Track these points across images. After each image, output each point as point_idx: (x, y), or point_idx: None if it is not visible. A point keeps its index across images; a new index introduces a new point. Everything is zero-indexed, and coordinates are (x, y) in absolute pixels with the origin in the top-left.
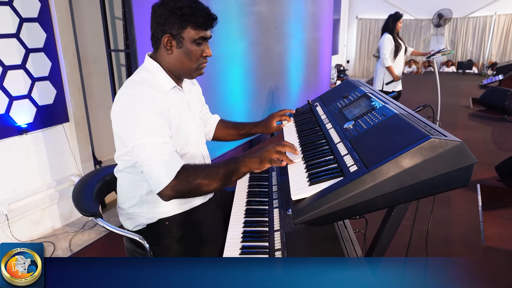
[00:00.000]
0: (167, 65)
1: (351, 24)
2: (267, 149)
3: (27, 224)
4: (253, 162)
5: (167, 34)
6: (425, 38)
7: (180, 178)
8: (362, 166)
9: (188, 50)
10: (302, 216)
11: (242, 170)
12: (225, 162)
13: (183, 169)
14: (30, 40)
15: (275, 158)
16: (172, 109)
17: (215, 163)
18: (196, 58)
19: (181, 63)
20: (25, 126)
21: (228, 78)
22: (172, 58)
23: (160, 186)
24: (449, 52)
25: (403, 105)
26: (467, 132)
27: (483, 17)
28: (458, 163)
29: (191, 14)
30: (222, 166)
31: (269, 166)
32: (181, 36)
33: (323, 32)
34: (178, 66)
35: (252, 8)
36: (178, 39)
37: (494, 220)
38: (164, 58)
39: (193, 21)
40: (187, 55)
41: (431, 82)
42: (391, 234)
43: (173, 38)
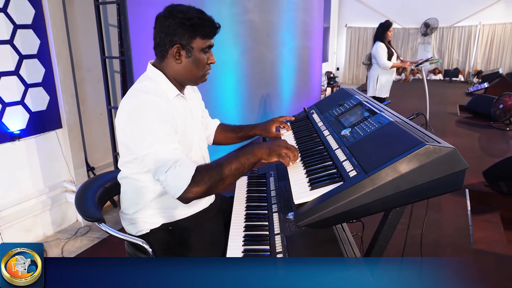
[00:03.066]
0: (174, 74)
1: (340, 32)
2: (278, 143)
3: (19, 231)
4: (262, 151)
5: (177, 45)
6: (413, 47)
7: (197, 180)
8: (361, 171)
9: (197, 59)
10: (304, 219)
11: (251, 160)
12: (235, 156)
13: (197, 171)
14: (24, 47)
15: (283, 153)
16: (178, 116)
17: (226, 158)
18: (203, 66)
19: (189, 71)
20: (17, 132)
21: (221, 84)
22: (180, 67)
23: (180, 191)
24: (437, 61)
25: (396, 113)
26: (455, 138)
27: (468, 26)
28: (451, 168)
29: (199, 25)
30: (233, 161)
31: (275, 160)
32: (191, 46)
33: (314, 40)
34: (185, 75)
35: (244, 17)
36: (188, 49)
37: (482, 224)
38: (171, 67)
39: (202, 31)
40: (195, 63)
41: (420, 90)
42: (388, 236)
43: (182, 48)
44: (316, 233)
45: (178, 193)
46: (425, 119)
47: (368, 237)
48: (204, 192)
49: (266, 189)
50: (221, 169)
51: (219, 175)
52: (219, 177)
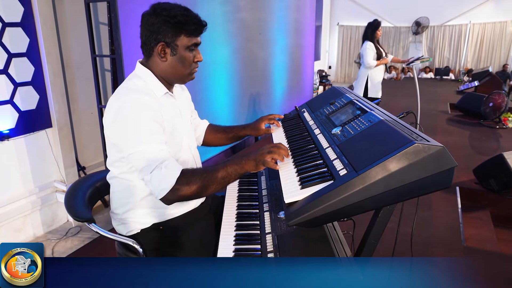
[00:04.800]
0: (160, 72)
1: (332, 31)
2: (261, 152)
3: (8, 232)
4: (249, 164)
5: (161, 42)
6: (404, 45)
7: (181, 183)
8: (351, 170)
9: (182, 57)
10: (295, 218)
11: (239, 171)
12: (223, 165)
13: (182, 174)
14: (12, 45)
15: (268, 159)
16: (165, 115)
17: (213, 166)
18: (189, 64)
19: (175, 69)
20: (6, 132)
21: (213, 83)
22: (166, 65)
23: (163, 192)
24: (427, 60)
25: (387, 112)
26: (446, 136)
27: (459, 25)
28: (440, 166)
29: (184, 22)
30: (220, 169)
31: (264, 168)
32: (175, 43)
33: (306, 39)
34: (171, 73)
35: (236, 15)
36: (172, 47)
37: (473, 221)
38: (158, 65)
39: (187, 28)
40: (181, 61)
41: (411, 88)
42: (378, 234)
43: (167, 46)
44: (307, 232)
45: (162, 194)
46: (415, 117)
47: (359, 236)
48: (187, 195)
49: (258, 188)
50: (208, 175)
51: (205, 181)
52: (204, 183)
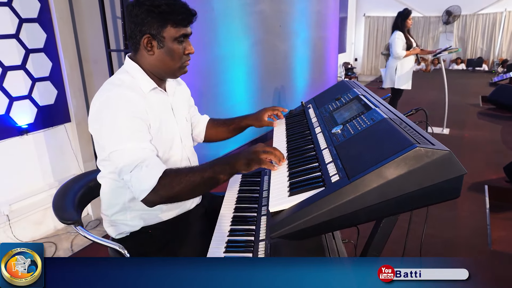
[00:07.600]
0: (149, 66)
1: (358, 22)
2: (254, 149)
3: (29, 225)
4: (240, 163)
5: (147, 35)
6: (434, 36)
7: (163, 183)
8: (344, 176)
9: (170, 49)
10: (278, 230)
11: (228, 171)
12: (210, 164)
13: (165, 174)
14: (30, 41)
15: (263, 158)
16: (151, 112)
17: (200, 165)
18: (179, 56)
19: (163, 63)
20: (25, 127)
21: (231, 77)
22: (153, 59)
23: (143, 193)
24: (456, 50)
25: (394, 109)
26: (476, 131)
27: (493, 13)
28: (445, 174)
29: (169, 12)
30: (207, 169)
31: (257, 167)
32: (162, 35)
33: (329, 30)
34: (160, 67)
35: (254, 7)
36: (159, 39)
37: (502, 223)
38: (145, 59)
39: (173, 18)
40: (170, 54)
41: (440, 80)
42: (380, 246)
43: (153, 38)
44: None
45: (142, 196)
46: (425, 115)
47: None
48: (170, 197)
49: (260, 188)
50: (193, 175)
51: (189, 182)
52: (188, 184)
